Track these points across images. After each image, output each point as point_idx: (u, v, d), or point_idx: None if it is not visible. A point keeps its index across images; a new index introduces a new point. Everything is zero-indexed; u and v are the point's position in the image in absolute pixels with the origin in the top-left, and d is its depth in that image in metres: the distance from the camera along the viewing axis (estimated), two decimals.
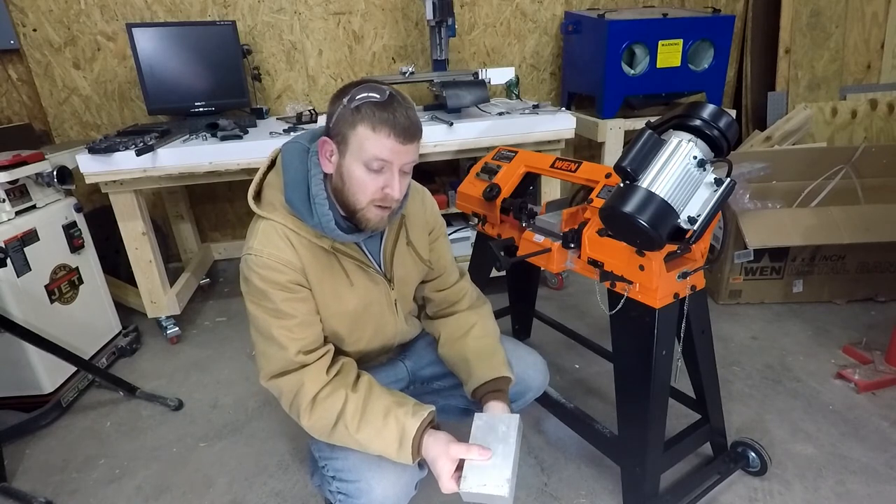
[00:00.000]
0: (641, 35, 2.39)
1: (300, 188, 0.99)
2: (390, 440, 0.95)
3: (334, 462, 1.03)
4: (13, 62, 2.55)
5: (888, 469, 1.44)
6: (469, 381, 1.14)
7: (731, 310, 2.27)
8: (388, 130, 0.91)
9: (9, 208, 1.76)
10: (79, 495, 1.51)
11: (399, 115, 0.92)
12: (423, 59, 2.81)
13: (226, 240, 3.06)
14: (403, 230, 1.15)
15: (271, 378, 1.01)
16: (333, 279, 1.05)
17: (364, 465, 0.99)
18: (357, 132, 0.92)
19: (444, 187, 2.58)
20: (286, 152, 1.04)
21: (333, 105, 0.96)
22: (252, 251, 0.98)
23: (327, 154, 0.98)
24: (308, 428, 1.00)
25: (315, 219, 0.98)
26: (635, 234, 0.93)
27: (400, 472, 0.99)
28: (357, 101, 0.92)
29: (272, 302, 0.98)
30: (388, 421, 0.96)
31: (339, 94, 0.96)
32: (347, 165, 0.95)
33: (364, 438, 0.96)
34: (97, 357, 2.05)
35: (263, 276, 0.97)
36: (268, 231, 0.99)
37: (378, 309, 1.14)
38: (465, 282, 1.29)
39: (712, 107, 0.94)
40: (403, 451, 0.95)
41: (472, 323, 1.22)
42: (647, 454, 1.21)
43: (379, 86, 0.94)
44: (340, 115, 0.94)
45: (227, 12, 2.59)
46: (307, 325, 1.01)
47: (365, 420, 0.97)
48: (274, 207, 1.01)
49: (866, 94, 2.86)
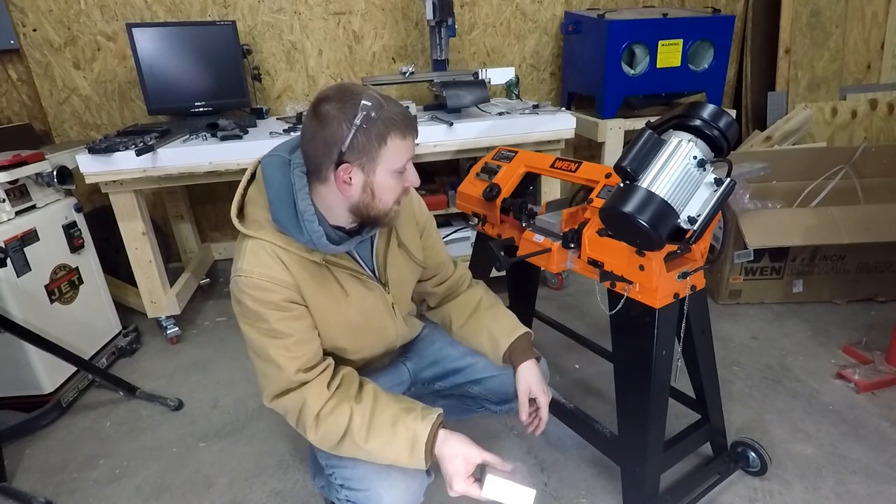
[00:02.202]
0: (641, 35, 2.39)
1: (286, 205, 0.94)
2: (401, 448, 0.94)
3: (343, 471, 1.01)
4: (13, 62, 2.55)
5: (888, 469, 1.44)
6: (496, 348, 1.18)
7: (731, 310, 2.27)
8: (410, 132, 0.92)
9: (9, 208, 1.76)
10: (79, 495, 1.51)
11: (402, 111, 0.91)
12: (423, 59, 2.81)
13: (226, 240, 3.06)
14: (394, 232, 1.14)
15: (274, 398, 0.99)
16: (328, 292, 1.03)
17: (373, 474, 0.98)
18: (389, 145, 0.90)
19: (444, 187, 2.58)
20: (266, 166, 0.98)
21: (335, 129, 0.87)
22: (242, 272, 0.94)
23: (345, 180, 0.91)
24: (316, 443, 0.99)
25: (305, 236, 0.94)
26: (635, 234, 0.93)
27: (409, 480, 0.98)
28: (374, 116, 0.88)
29: (267, 322, 0.95)
30: (398, 429, 0.95)
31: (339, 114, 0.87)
32: (379, 180, 0.93)
33: (374, 449, 0.95)
34: (97, 357, 2.05)
35: (256, 296, 0.94)
36: (256, 250, 0.96)
37: (377, 315, 1.12)
38: (462, 268, 1.33)
39: (712, 107, 0.94)
40: (416, 457, 0.94)
41: (478, 296, 1.28)
42: (647, 454, 1.21)
43: (364, 89, 0.91)
44: (358, 137, 0.88)
45: (227, 12, 2.59)
46: (304, 343, 0.99)
47: (373, 431, 0.95)
48: (260, 225, 0.97)
49: (866, 94, 2.86)
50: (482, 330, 1.21)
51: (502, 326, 1.20)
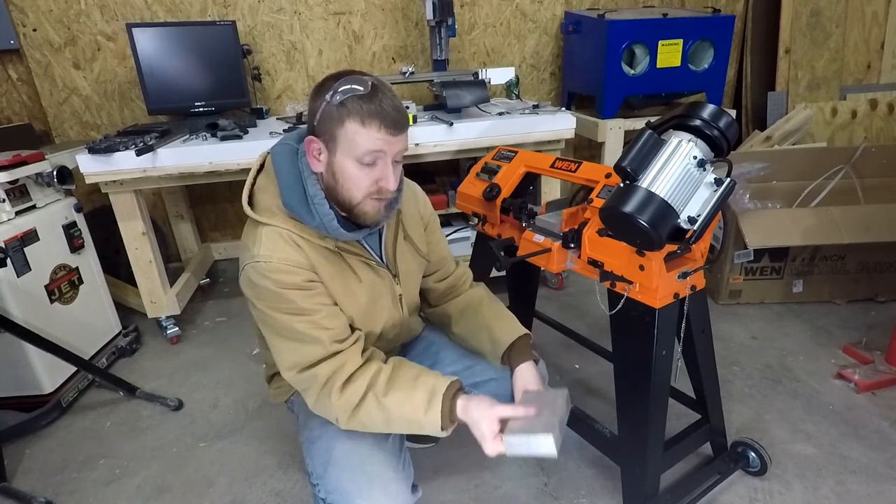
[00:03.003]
0: (641, 35, 2.40)
1: (296, 190, 0.97)
2: (419, 401, 0.95)
3: (326, 482, 1.00)
4: (13, 62, 2.55)
5: (888, 469, 1.44)
6: (495, 347, 1.17)
7: (731, 310, 2.27)
8: (378, 123, 0.90)
9: (9, 208, 1.76)
10: (79, 495, 1.51)
11: (386, 105, 0.90)
12: (423, 59, 2.81)
13: (226, 240, 3.06)
14: (401, 225, 1.15)
15: (303, 370, 0.98)
16: (343, 277, 1.04)
17: (355, 490, 0.96)
18: (346, 128, 0.90)
19: (444, 187, 2.58)
20: (276, 155, 1.02)
21: (315, 101, 0.93)
22: (260, 258, 0.95)
23: (314, 153, 0.96)
24: (335, 409, 0.97)
25: (316, 219, 0.96)
26: (635, 234, 0.93)
27: (391, 499, 0.97)
28: (341, 96, 0.89)
29: (293, 303, 0.96)
30: (418, 384, 0.97)
31: (319, 88, 0.93)
32: (339, 162, 0.94)
33: (392, 402, 0.95)
34: (97, 357, 2.05)
35: (278, 280, 0.95)
36: (272, 236, 0.97)
37: (385, 303, 1.13)
38: (463, 267, 1.33)
39: (712, 107, 0.94)
40: (433, 410, 0.94)
41: (480, 296, 1.29)
42: (647, 454, 1.21)
43: (361, 77, 0.92)
44: (325, 113, 0.91)
45: (227, 12, 2.59)
46: (334, 316, 1.01)
47: (394, 384, 0.97)
48: (273, 212, 0.99)
49: (866, 94, 2.87)
50: (482, 330, 1.21)
51: (502, 327, 1.19)
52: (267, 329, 1.02)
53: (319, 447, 1.05)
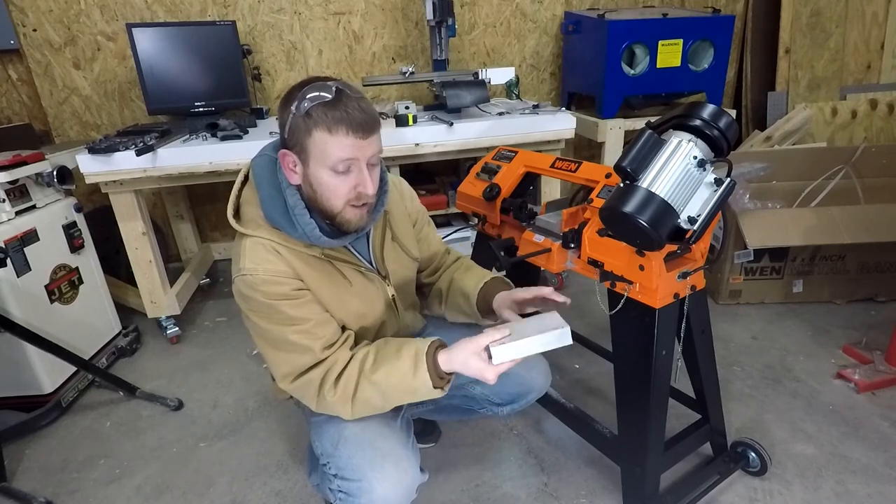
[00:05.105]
0: (641, 35, 2.40)
1: (277, 202, 0.97)
2: (406, 368, 0.95)
3: (337, 460, 1.02)
4: (13, 62, 2.55)
5: (888, 469, 1.44)
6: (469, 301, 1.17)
7: (731, 310, 2.27)
8: (345, 129, 0.89)
9: (9, 208, 1.76)
10: (79, 495, 1.51)
11: (352, 109, 0.89)
12: (423, 59, 2.81)
13: (226, 240, 3.05)
14: (388, 227, 1.15)
15: (296, 378, 0.99)
16: (333, 284, 1.04)
17: (367, 464, 0.98)
18: (314, 139, 0.90)
19: (444, 187, 2.58)
20: (256, 167, 1.02)
21: (283, 113, 0.93)
22: (246, 271, 0.95)
23: (290, 166, 0.95)
24: (336, 403, 0.98)
25: (298, 230, 0.96)
26: (635, 234, 0.93)
27: (402, 473, 0.99)
28: (308, 103, 0.89)
29: (282, 313, 0.96)
30: (402, 353, 0.97)
31: (286, 99, 0.92)
32: (314, 173, 0.93)
33: (381, 377, 0.96)
34: (97, 357, 2.05)
35: (266, 291, 0.95)
36: (255, 248, 0.97)
37: (379, 305, 1.14)
38: (454, 252, 1.34)
39: (712, 107, 0.94)
40: (419, 372, 0.94)
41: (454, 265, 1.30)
42: (647, 454, 1.21)
43: (325, 83, 0.91)
44: (293, 125, 0.91)
45: (227, 12, 2.59)
46: (324, 323, 1.01)
47: (379, 360, 0.98)
48: (257, 224, 0.99)
49: (866, 94, 2.86)
50: (457, 294, 1.21)
51: (469, 281, 1.20)
52: (261, 340, 1.02)
53: (329, 428, 1.06)
